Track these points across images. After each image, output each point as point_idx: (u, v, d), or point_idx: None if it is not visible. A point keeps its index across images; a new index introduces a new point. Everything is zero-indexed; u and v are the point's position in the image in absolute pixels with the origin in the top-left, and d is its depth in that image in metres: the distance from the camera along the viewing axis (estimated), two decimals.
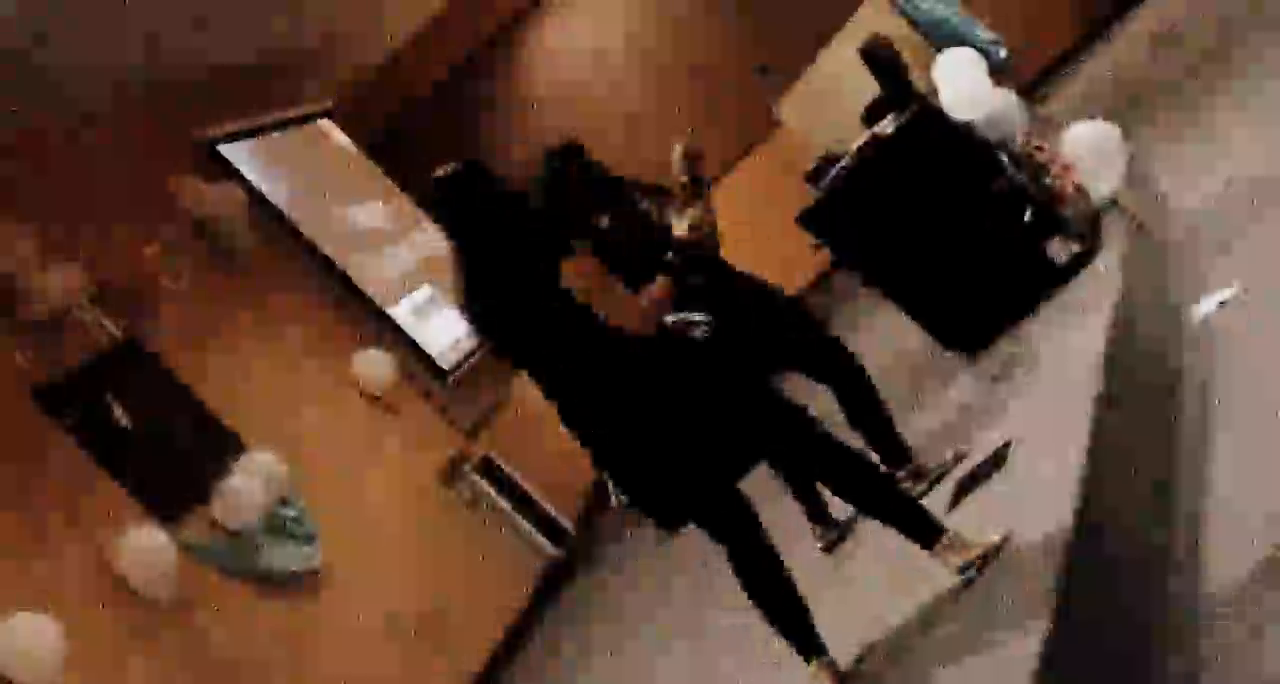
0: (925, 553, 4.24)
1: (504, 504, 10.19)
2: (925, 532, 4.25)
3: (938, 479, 5.25)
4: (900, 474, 5.35)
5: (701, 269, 5.45)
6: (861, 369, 5.60)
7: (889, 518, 4.33)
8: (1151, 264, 6.02)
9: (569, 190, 5.56)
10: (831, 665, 4.27)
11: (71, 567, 6.87)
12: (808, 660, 4.29)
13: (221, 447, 8.31)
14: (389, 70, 13.78)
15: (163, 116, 9.85)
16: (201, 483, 7.90)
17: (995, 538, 4.16)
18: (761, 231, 9.33)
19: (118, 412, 7.85)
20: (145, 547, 7.06)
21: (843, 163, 6.33)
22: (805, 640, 4.32)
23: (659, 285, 4.48)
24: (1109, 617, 3.52)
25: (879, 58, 6.57)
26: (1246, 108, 7.07)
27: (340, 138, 12.64)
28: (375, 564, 8.86)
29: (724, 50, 13.44)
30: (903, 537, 4.30)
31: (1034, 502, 4.16)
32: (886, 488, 4.40)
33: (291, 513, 8.32)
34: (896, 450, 5.46)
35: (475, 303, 4.38)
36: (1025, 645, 3.30)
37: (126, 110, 9.33)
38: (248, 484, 7.93)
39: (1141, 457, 4.39)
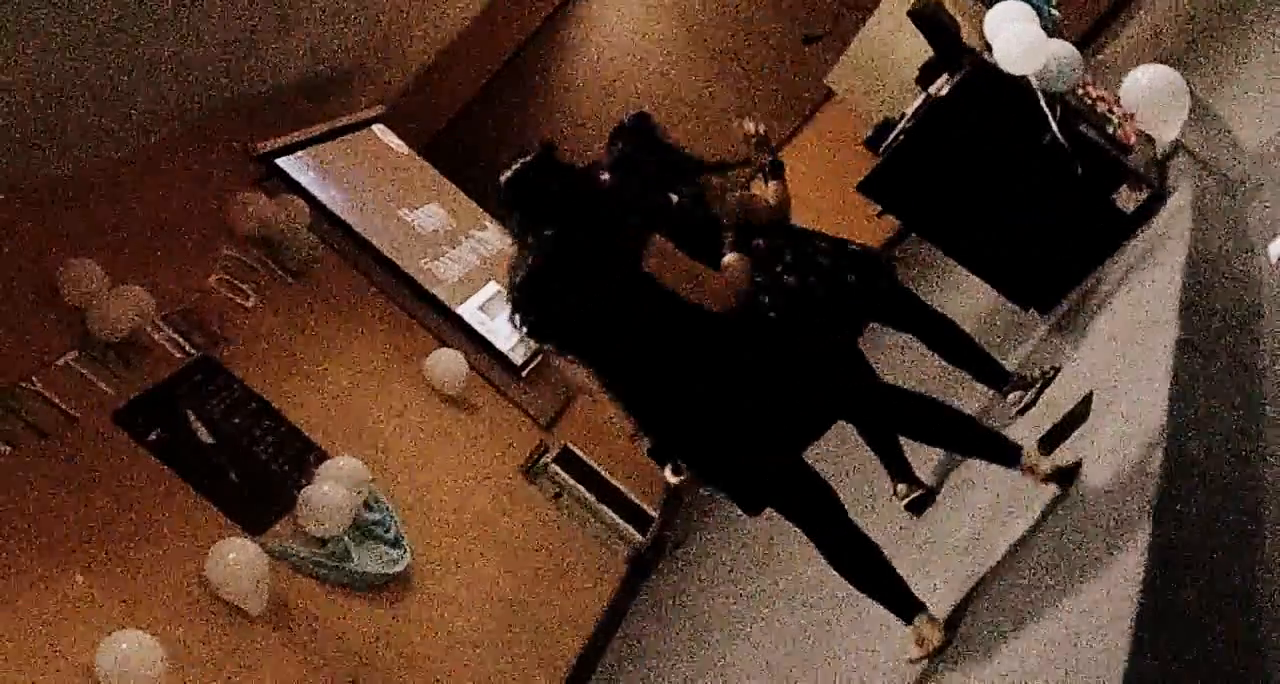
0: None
1: (587, 494, 10.20)
2: (1008, 452, 4.35)
3: (1042, 385, 5.47)
4: (1008, 390, 5.60)
5: (777, 236, 5.52)
6: (932, 310, 5.76)
7: (972, 448, 4.47)
8: (1222, 205, 5.94)
9: (641, 169, 5.57)
10: (934, 620, 4.28)
11: (166, 584, 6.93)
12: (908, 621, 4.30)
13: (303, 455, 8.39)
14: (438, 70, 13.83)
15: (219, 135, 9.95)
16: (286, 492, 7.97)
17: (1071, 459, 4.30)
18: (822, 204, 9.31)
19: (198, 428, 7.93)
20: (236, 559, 7.10)
21: (900, 127, 6.28)
22: (902, 602, 4.32)
23: (735, 260, 4.46)
24: (1204, 559, 3.49)
25: (928, 18, 6.49)
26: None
27: (394, 141, 12.70)
28: (464, 562, 8.90)
29: (770, 24, 13.38)
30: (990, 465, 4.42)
31: (1120, 452, 4.12)
32: (963, 423, 4.45)
33: (377, 516, 8.37)
34: (996, 373, 5.71)
35: (551, 301, 4.34)
36: (1124, 590, 3.28)
37: (183, 132, 9.43)
38: (332, 490, 7.98)
39: (1224, 399, 4.34)
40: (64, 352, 7.55)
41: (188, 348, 8.36)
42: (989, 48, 6.12)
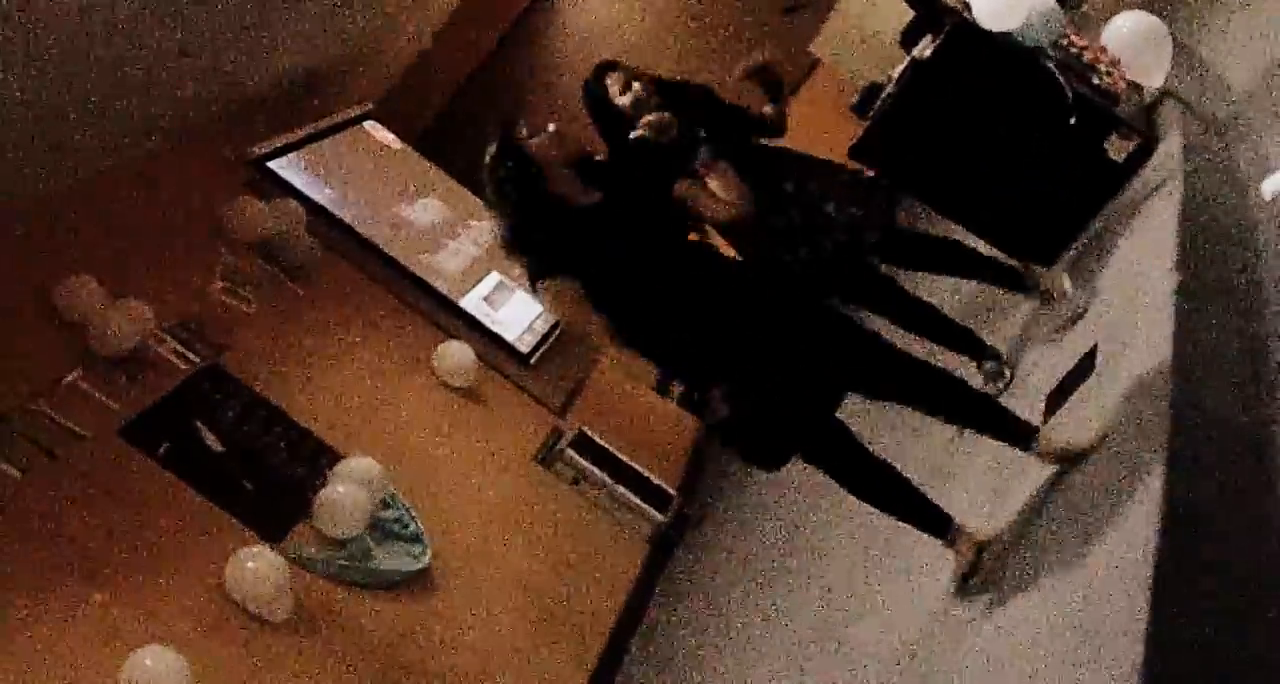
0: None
1: (604, 477, 10.18)
2: (1021, 433, 4.40)
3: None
4: (986, 364, 5.68)
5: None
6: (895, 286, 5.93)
7: (984, 426, 4.52)
8: (1212, 147, 5.92)
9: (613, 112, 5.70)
10: (966, 533, 4.41)
11: (187, 597, 6.93)
12: (943, 538, 4.42)
13: (316, 457, 8.37)
14: (425, 62, 13.79)
15: (208, 143, 9.92)
16: (301, 496, 7.96)
17: (1092, 436, 4.22)
18: None
19: (208, 437, 7.93)
20: (255, 567, 7.09)
21: (887, 90, 6.27)
22: (935, 520, 4.46)
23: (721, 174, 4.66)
24: (1220, 507, 3.48)
25: None
26: None
27: (386, 136, 12.67)
28: (486, 553, 8.89)
29: None
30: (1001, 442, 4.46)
31: (1128, 403, 4.11)
32: (976, 399, 4.54)
33: (395, 514, 8.35)
34: (974, 344, 5.77)
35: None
36: (1142, 543, 3.27)
37: (172, 142, 9.41)
38: (347, 491, 7.96)
39: (1228, 343, 4.33)
40: (67, 371, 7.55)
41: (192, 358, 8.35)
42: (969, 6, 6.08)
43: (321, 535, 7.86)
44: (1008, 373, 5.65)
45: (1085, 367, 4.76)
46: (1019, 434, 4.41)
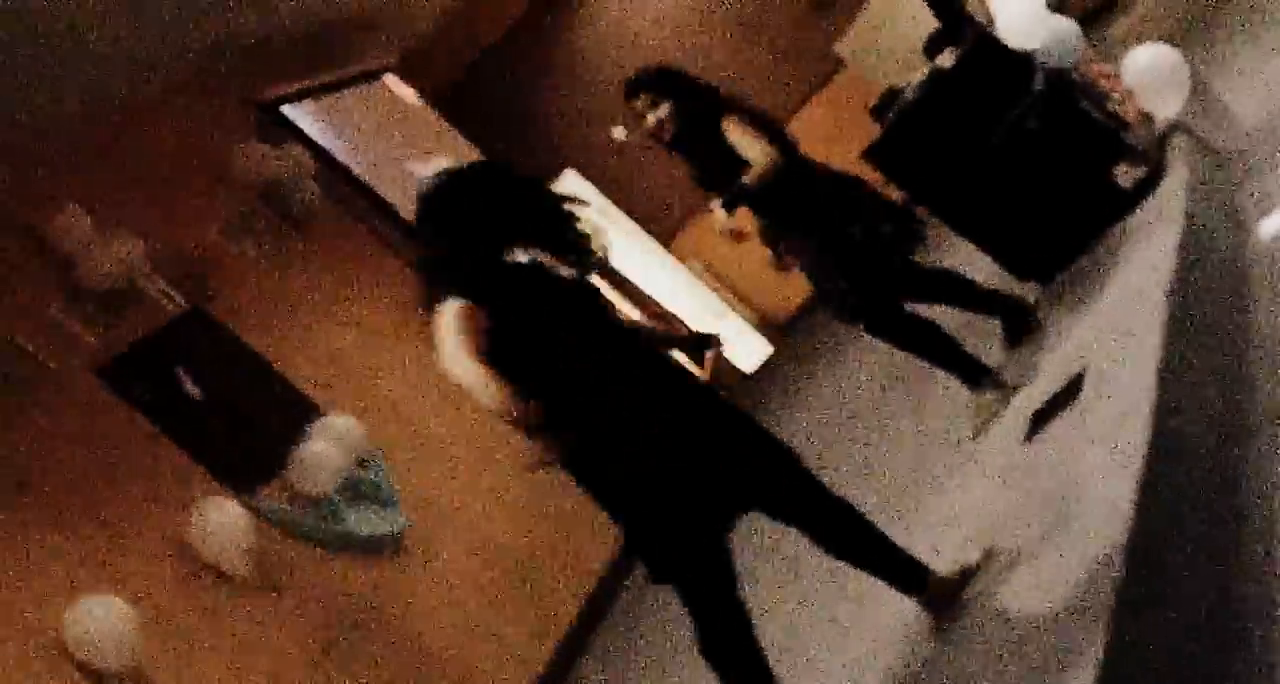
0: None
1: None
2: (912, 580, 4.16)
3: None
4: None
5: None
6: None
7: (875, 570, 4.20)
8: (1218, 183, 5.94)
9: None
10: None
11: (146, 545, 6.84)
12: None
13: (297, 413, 8.24)
14: (453, 21, 13.71)
15: (223, 81, 9.82)
16: (278, 451, 7.81)
17: (974, 559, 4.17)
18: None
19: (187, 383, 7.78)
20: (219, 519, 6.98)
21: (905, 97, 6.29)
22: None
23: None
24: (1183, 539, 3.50)
25: None
26: None
27: (406, 92, 12.61)
28: (462, 522, 8.85)
29: None
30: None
31: (1109, 427, 4.12)
32: (873, 540, 4.19)
33: (372, 476, 8.27)
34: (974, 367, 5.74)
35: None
36: (1105, 583, 3.29)
37: (186, 76, 9.30)
38: (325, 449, 7.86)
39: (1212, 378, 4.35)
40: (50, 302, 7.41)
41: (180, 300, 8.18)
42: (993, 22, 6.11)
43: (294, 492, 7.76)
44: (1007, 384, 5.63)
45: (1072, 388, 4.79)
46: (911, 579, 4.15)
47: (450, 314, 3.96)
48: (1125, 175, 6.10)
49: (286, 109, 10.63)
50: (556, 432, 3.92)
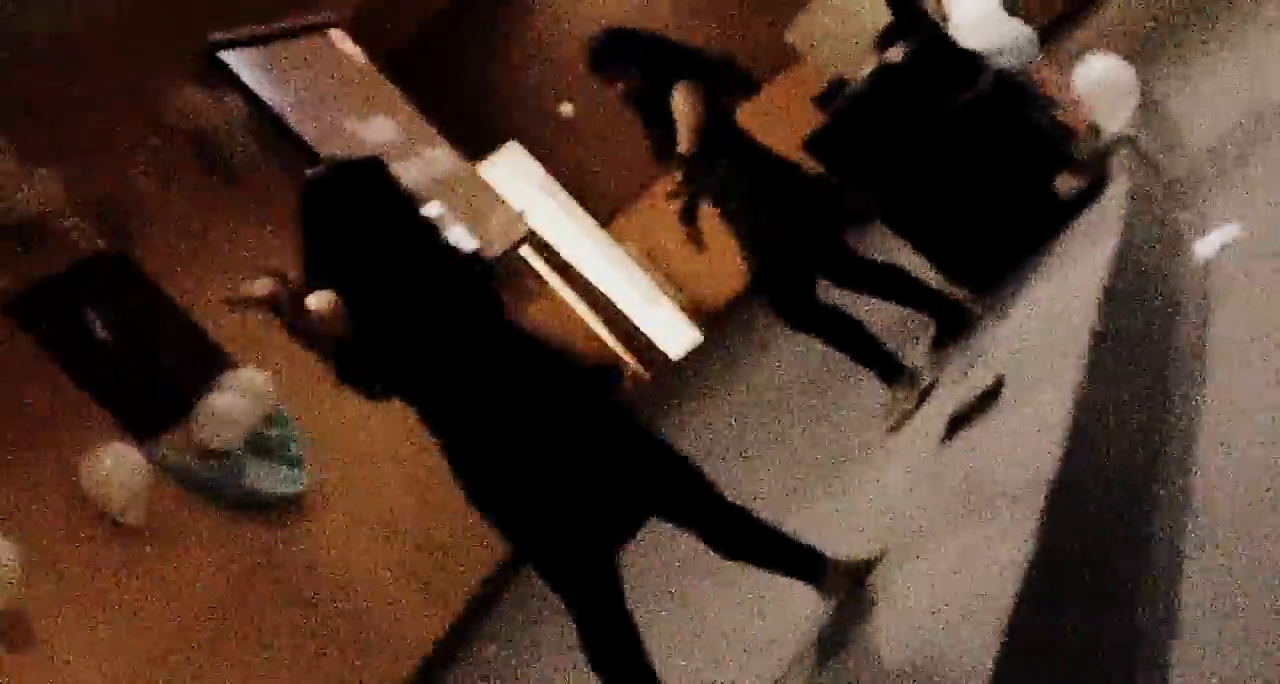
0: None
1: None
2: (811, 570, 4.13)
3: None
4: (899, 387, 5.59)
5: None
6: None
7: (779, 564, 4.16)
8: (1158, 198, 5.89)
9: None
10: None
11: (41, 486, 6.70)
12: None
13: (208, 364, 8.07)
14: None
15: (162, 21, 9.61)
16: (184, 401, 7.65)
17: (874, 553, 4.15)
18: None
19: (96, 324, 7.61)
20: (114, 465, 6.84)
21: (851, 88, 6.19)
22: None
23: None
24: (1087, 563, 3.44)
25: None
26: (1247, 45, 6.94)
27: (351, 49, 12.41)
28: (367, 488, 8.71)
29: None
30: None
31: (1023, 439, 4.05)
32: (763, 538, 4.13)
33: (278, 434, 8.11)
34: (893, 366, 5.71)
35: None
36: (1004, 587, 3.22)
37: (123, 13, 9.10)
38: (233, 402, 7.71)
39: (1134, 395, 4.29)
40: None
41: (97, 241, 7.99)
42: (946, 20, 6.03)
43: (196, 444, 7.60)
44: (921, 382, 5.60)
45: (989, 396, 4.71)
46: (811, 569, 4.11)
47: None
48: (1065, 184, 6.01)
49: (225, 55, 10.41)
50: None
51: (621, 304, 13.26)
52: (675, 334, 13.52)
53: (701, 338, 13.54)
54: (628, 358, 12.51)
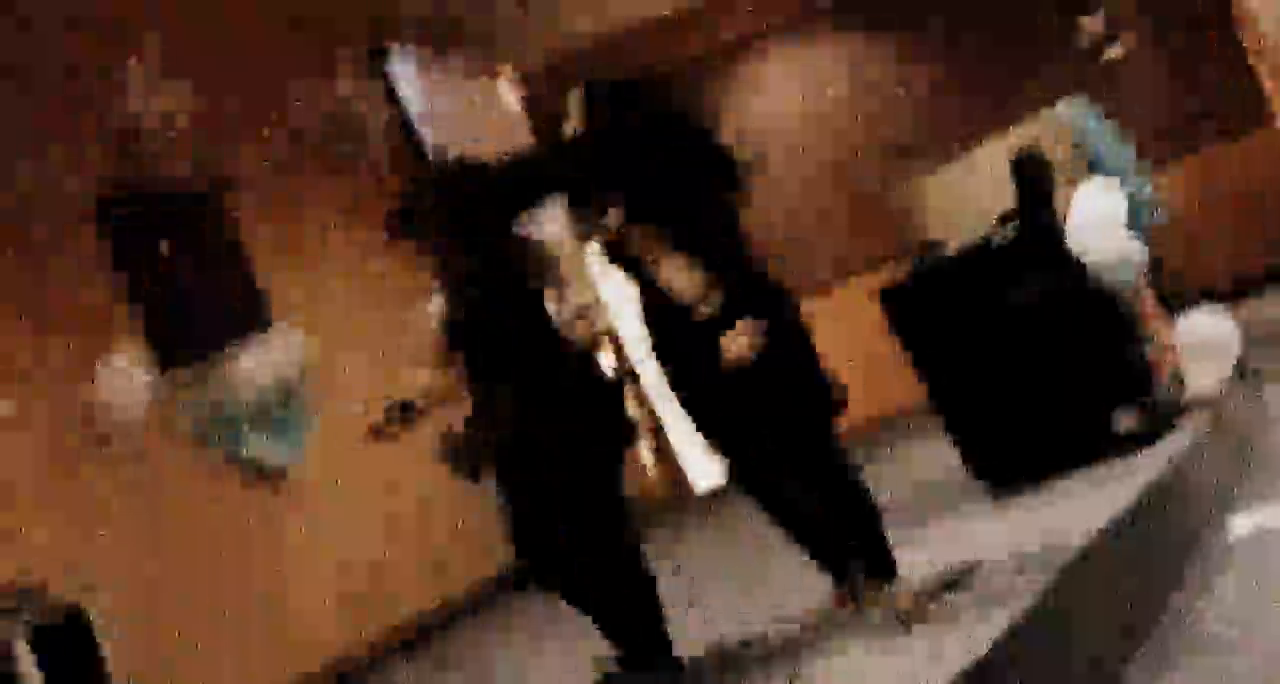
0: None
1: None
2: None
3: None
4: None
5: None
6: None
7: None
8: (1216, 469, 5.62)
9: None
10: None
11: (46, 375, 6.69)
12: None
13: (250, 318, 7.99)
14: (590, 56, 13.50)
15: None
16: (213, 343, 7.59)
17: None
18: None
19: (167, 246, 7.65)
20: (122, 380, 6.84)
21: (941, 252, 6.02)
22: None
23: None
24: None
25: (1026, 168, 6.24)
26: None
27: (510, 100, 12.45)
28: (364, 479, 8.41)
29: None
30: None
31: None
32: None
33: (285, 416, 7.92)
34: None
35: None
36: None
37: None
38: (254, 366, 7.64)
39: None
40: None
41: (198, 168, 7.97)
42: (1064, 218, 5.86)
43: (206, 390, 7.49)
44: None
45: (961, 578, 4.44)
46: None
47: None
48: (1126, 422, 5.73)
49: (393, 56, 10.46)
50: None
51: (670, 424, 13.09)
52: (706, 473, 13.32)
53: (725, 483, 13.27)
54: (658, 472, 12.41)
